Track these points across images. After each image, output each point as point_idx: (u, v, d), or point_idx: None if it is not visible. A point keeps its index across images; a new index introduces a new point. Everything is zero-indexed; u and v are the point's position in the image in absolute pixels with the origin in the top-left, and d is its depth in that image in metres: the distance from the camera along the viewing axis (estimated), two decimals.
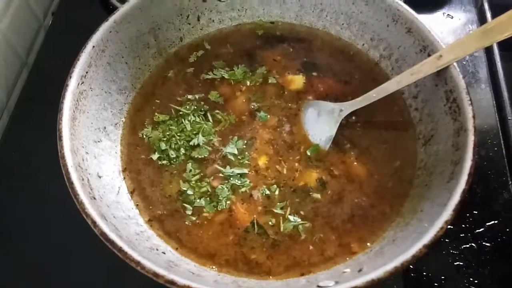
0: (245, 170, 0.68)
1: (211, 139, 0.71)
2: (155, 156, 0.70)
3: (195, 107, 0.74)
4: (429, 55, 0.67)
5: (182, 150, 0.70)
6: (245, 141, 0.71)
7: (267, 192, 0.67)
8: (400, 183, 0.67)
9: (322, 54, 0.81)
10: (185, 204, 0.66)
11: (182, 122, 0.72)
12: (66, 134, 0.59)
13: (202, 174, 0.68)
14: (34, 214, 0.74)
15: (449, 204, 0.53)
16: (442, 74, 0.64)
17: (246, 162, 0.69)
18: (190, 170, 0.68)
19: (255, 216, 0.65)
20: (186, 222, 0.65)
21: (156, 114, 0.74)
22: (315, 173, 0.68)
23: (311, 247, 0.63)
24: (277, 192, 0.67)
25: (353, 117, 0.73)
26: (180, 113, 0.74)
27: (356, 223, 0.64)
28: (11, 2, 0.89)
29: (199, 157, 0.69)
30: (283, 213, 0.65)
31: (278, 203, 0.66)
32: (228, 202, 0.66)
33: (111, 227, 0.54)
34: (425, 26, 0.68)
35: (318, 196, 0.66)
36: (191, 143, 0.70)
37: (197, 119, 0.73)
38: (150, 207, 0.66)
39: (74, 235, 0.65)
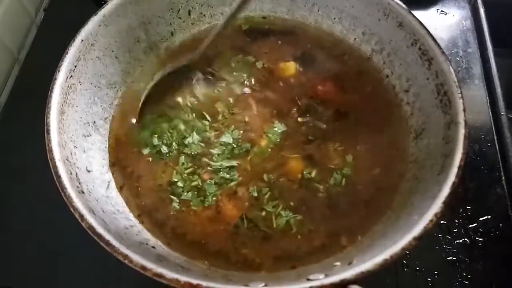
0: (234, 163, 0.68)
1: (206, 136, 0.70)
2: (146, 151, 0.69)
3: (189, 105, 0.74)
4: (419, 49, 0.66)
5: (175, 145, 0.69)
6: (241, 131, 0.71)
7: (255, 194, 0.66)
8: (392, 177, 0.67)
9: (313, 49, 0.80)
10: (172, 196, 0.66)
11: (174, 121, 0.72)
12: (54, 127, 0.58)
13: (195, 167, 0.68)
14: (26, 210, 0.74)
15: (438, 197, 0.52)
16: (433, 68, 0.64)
17: (237, 152, 0.69)
18: (183, 164, 0.68)
19: (244, 211, 0.64)
20: (174, 214, 0.64)
21: (148, 111, 0.73)
22: (305, 166, 0.68)
23: (301, 240, 0.62)
24: (267, 192, 0.66)
25: (345, 111, 0.72)
26: (173, 111, 0.73)
27: (347, 216, 0.64)
28: None
29: (192, 153, 0.69)
30: (274, 210, 0.65)
31: (270, 202, 0.65)
32: (214, 198, 0.65)
33: (99, 221, 0.53)
34: (416, 20, 0.67)
35: (308, 190, 0.66)
36: (185, 141, 0.70)
37: (191, 117, 0.72)
38: (140, 201, 0.66)
39: (68, 231, 0.65)
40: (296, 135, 0.71)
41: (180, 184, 0.66)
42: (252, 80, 0.77)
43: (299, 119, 0.73)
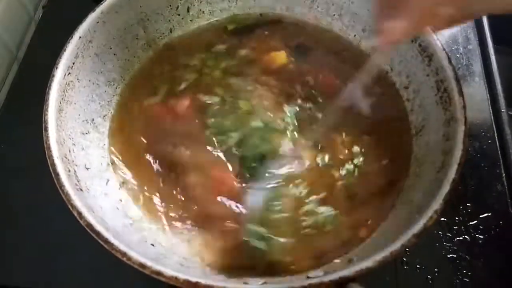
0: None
1: None
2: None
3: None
4: (419, 46, 0.66)
5: None
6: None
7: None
8: (393, 175, 0.66)
9: (306, 39, 0.80)
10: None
11: None
12: (52, 125, 0.58)
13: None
14: (25, 208, 0.74)
15: (438, 194, 0.52)
16: (433, 65, 0.64)
17: None
18: None
19: None
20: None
21: None
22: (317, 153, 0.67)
23: (330, 236, 0.61)
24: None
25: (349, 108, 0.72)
26: None
27: (365, 207, 0.63)
28: None
29: None
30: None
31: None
32: None
33: (97, 219, 0.53)
34: None
35: (327, 177, 0.65)
36: None
37: None
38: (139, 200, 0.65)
39: (66, 229, 0.64)
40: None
41: None
42: (247, 72, 0.75)
43: (299, 100, 0.71)
